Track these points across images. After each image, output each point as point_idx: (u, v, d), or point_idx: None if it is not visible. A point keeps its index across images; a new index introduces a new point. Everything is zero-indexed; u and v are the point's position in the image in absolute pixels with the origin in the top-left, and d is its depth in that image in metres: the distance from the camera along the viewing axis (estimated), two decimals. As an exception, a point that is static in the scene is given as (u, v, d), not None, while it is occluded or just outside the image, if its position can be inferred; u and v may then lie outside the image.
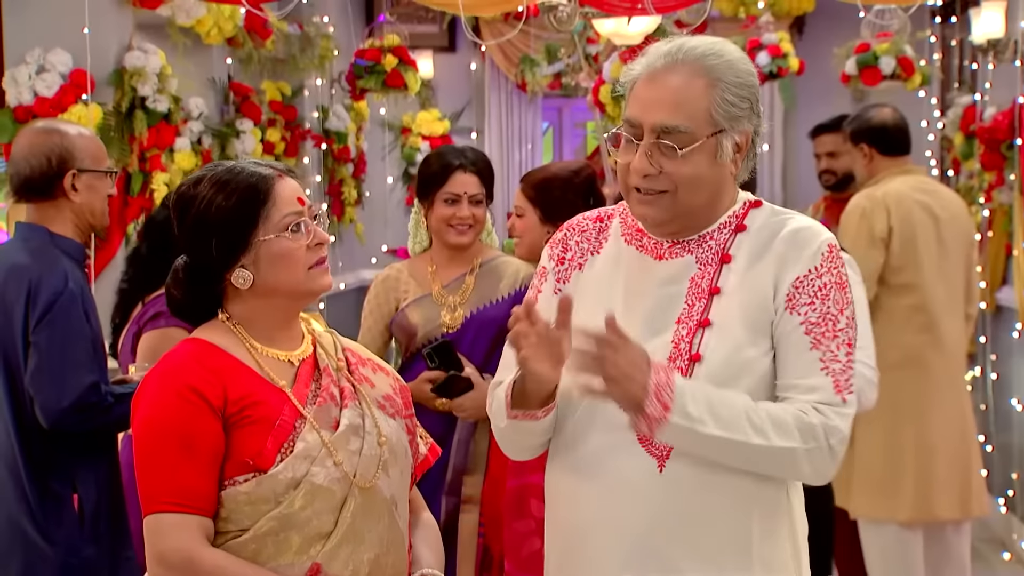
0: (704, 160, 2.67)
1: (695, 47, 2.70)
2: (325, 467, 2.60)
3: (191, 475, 2.52)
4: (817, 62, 9.03)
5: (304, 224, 2.69)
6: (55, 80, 5.72)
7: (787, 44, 8.50)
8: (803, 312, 2.63)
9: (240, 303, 2.70)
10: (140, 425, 2.58)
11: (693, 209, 2.72)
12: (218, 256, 2.64)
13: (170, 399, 2.55)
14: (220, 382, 2.59)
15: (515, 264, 4.57)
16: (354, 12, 10.01)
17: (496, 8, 7.13)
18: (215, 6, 6.55)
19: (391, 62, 8.29)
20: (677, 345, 2.68)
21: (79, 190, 3.93)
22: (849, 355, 2.64)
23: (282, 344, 2.73)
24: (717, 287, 2.69)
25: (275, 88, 8.40)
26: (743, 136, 2.70)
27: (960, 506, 5.65)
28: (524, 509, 4.07)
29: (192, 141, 6.67)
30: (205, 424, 2.55)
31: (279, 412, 2.61)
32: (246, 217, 2.64)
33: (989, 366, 7.64)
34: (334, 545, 2.59)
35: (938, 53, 9.21)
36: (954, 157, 8.50)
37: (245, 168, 2.69)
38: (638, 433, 2.60)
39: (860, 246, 5.50)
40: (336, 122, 9.19)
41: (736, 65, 2.70)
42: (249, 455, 2.55)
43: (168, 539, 2.51)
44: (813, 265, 2.65)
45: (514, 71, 10.85)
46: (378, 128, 10.52)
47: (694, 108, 2.66)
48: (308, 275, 2.69)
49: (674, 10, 6.89)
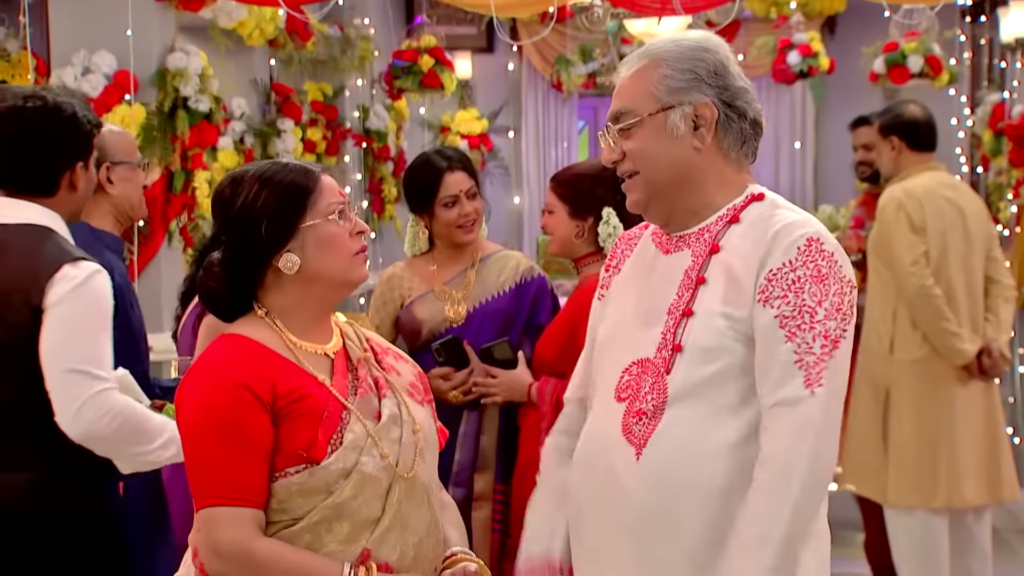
0: (652, 134, 2.75)
1: (653, 42, 2.83)
2: (372, 456, 2.66)
3: (244, 469, 2.57)
4: (848, 61, 9.06)
5: (347, 212, 2.76)
6: (100, 81, 5.80)
7: (818, 44, 8.52)
8: (776, 305, 2.62)
9: (280, 293, 2.73)
10: (191, 421, 2.62)
11: (664, 188, 2.78)
12: (267, 241, 2.67)
13: (220, 395, 2.59)
14: (268, 377, 2.62)
15: (515, 257, 4.65)
16: (394, 14, 10.07)
17: (528, 9, 7.18)
18: (257, 8, 6.61)
19: (428, 63, 8.34)
20: (664, 336, 2.73)
21: (114, 182, 3.99)
22: (825, 347, 2.60)
23: (316, 337, 2.77)
24: (703, 277, 2.73)
25: (316, 88, 8.48)
26: (699, 108, 2.73)
27: (989, 491, 5.71)
28: None
29: (235, 140, 6.77)
30: (256, 419, 2.59)
31: (325, 405, 2.66)
32: (295, 203, 2.69)
33: (1017, 360, 7.68)
34: (383, 531, 2.65)
35: (968, 52, 9.25)
36: (983, 154, 8.54)
37: (288, 163, 2.77)
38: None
39: (902, 234, 5.57)
40: (376, 121, 9.25)
41: (681, 44, 2.77)
42: (301, 447, 2.60)
43: (224, 531, 2.55)
44: (787, 259, 2.63)
45: (550, 71, 10.95)
46: (418, 127, 10.59)
47: (635, 91, 2.77)
48: (352, 261, 2.75)
49: (703, 10, 6.93)
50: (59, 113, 3.47)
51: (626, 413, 2.75)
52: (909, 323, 5.59)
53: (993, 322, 5.75)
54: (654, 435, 2.69)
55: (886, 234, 5.66)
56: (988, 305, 5.77)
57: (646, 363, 2.76)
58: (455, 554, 2.85)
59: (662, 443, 2.69)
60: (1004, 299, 5.80)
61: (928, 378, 5.59)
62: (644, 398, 2.73)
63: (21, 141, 3.44)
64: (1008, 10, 7.60)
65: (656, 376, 2.72)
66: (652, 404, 2.71)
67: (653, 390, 2.72)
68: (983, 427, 5.72)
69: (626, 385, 2.78)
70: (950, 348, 5.60)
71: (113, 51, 5.85)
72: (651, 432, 2.70)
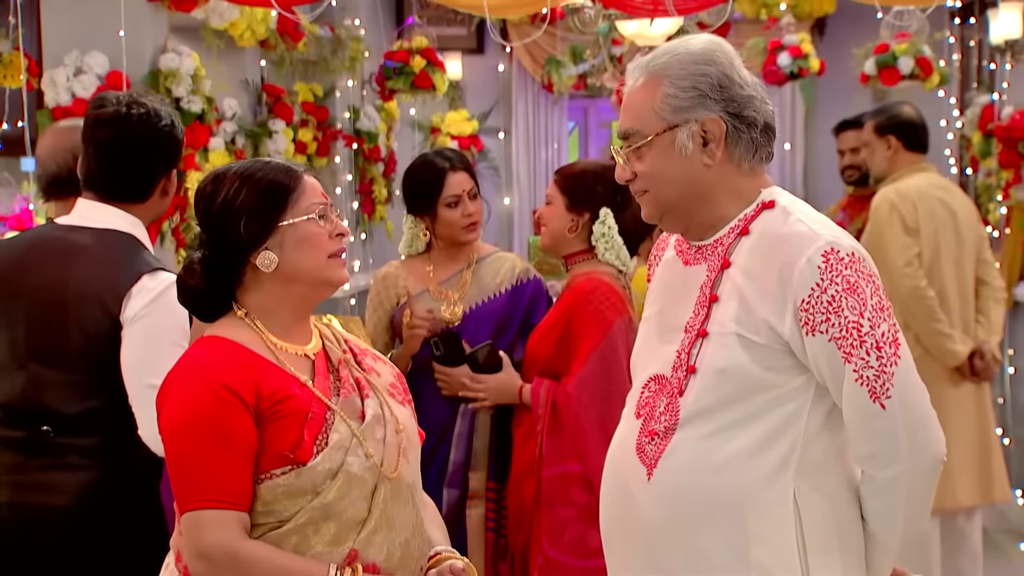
0: (661, 155, 2.72)
1: (654, 54, 2.77)
2: (358, 456, 2.66)
3: (229, 472, 2.56)
4: (838, 63, 9.07)
5: (328, 213, 2.76)
6: (92, 81, 5.77)
7: (808, 45, 8.55)
8: (824, 330, 2.58)
9: (259, 292, 2.74)
10: (173, 423, 2.62)
11: (676, 204, 2.76)
12: (245, 237, 2.68)
13: (204, 397, 2.59)
14: (252, 378, 2.62)
15: (511, 259, 4.66)
16: (384, 15, 10.07)
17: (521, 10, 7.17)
18: (248, 9, 6.58)
19: (419, 64, 8.33)
20: (679, 355, 2.74)
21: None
22: (880, 358, 2.57)
23: (296, 339, 2.78)
24: (716, 295, 2.71)
25: (307, 89, 8.45)
26: (707, 124, 2.69)
27: (980, 493, 5.74)
28: (566, 496, 4.16)
29: (226, 141, 6.75)
30: (240, 421, 2.58)
31: (308, 405, 2.66)
32: (276, 200, 2.69)
33: (1007, 360, 7.70)
34: (369, 531, 2.66)
35: (957, 54, 9.28)
36: (972, 156, 8.55)
37: (271, 161, 2.77)
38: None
39: (895, 235, 5.60)
40: (367, 122, 9.22)
41: (683, 59, 2.71)
42: (287, 448, 2.60)
43: (209, 535, 2.55)
44: (814, 282, 2.58)
45: (540, 72, 10.95)
46: (408, 128, 10.58)
47: (640, 109, 2.73)
48: (329, 263, 2.74)
49: (696, 11, 6.92)
50: (159, 120, 3.54)
51: (640, 432, 2.77)
52: (901, 324, 5.58)
53: (984, 323, 5.77)
54: (664, 456, 2.71)
55: (879, 235, 5.68)
56: (979, 307, 5.80)
57: (663, 380, 2.76)
58: (439, 553, 2.86)
59: (672, 463, 2.70)
60: (995, 300, 5.82)
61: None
62: (658, 418, 2.74)
63: (123, 147, 3.50)
64: (998, 12, 7.61)
65: (671, 397, 2.73)
66: (664, 425, 2.72)
67: (667, 411, 2.73)
68: (975, 428, 5.74)
69: (645, 402, 2.79)
70: (942, 349, 5.62)
71: (105, 51, 5.82)
72: (661, 452, 2.71)
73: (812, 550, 2.67)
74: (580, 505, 4.10)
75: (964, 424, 5.69)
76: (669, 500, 2.69)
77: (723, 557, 2.66)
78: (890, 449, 2.61)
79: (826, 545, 2.68)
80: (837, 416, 2.67)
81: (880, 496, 2.68)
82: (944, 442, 2.70)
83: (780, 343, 2.63)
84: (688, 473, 2.67)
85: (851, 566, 2.72)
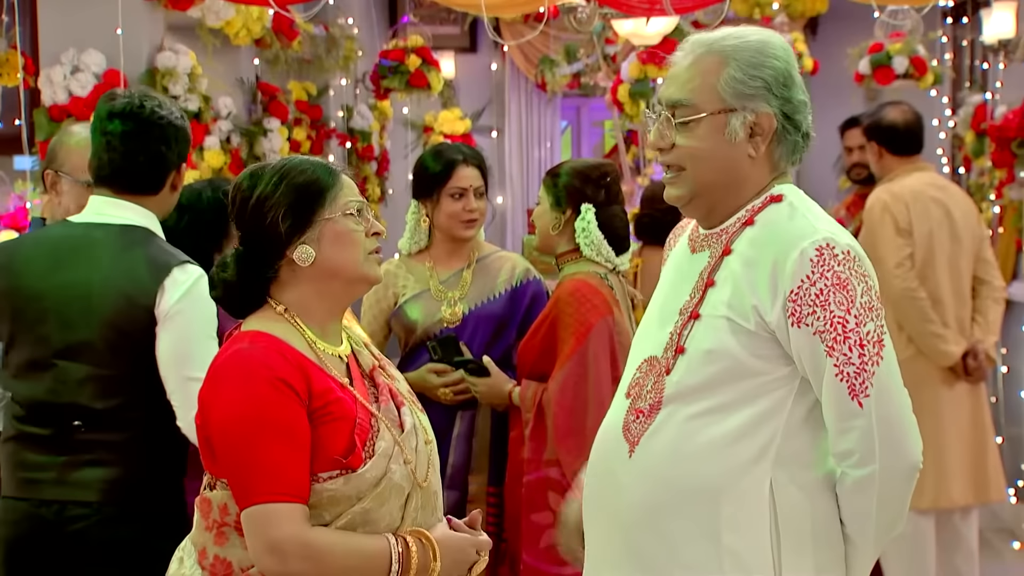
0: (709, 135, 2.70)
1: (720, 35, 2.73)
2: (400, 465, 2.63)
3: (293, 465, 2.52)
4: (831, 62, 9.10)
5: (365, 212, 2.74)
6: (89, 80, 5.78)
7: (801, 44, 8.57)
8: (810, 323, 2.58)
9: (295, 289, 2.68)
10: (231, 418, 2.55)
11: (710, 188, 2.74)
12: (284, 231, 2.63)
13: (264, 391, 2.53)
14: (303, 376, 2.57)
15: (512, 259, 4.66)
16: (378, 14, 10.08)
17: (518, 9, 7.18)
18: (244, 8, 6.60)
19: (414, 62, 8.34)
20: (672, 336, 2.74)
21: (61, 193, 3.94)
22: (863, 356, 2.59)
23: (331, 338, 2.73)
24: (712, 279, 2.72)
25: (301, 88, 8.47)
26: (760, 118, 2.69)
27: (975, 491, 5.75)
28: (542, 502, 4.13)
29: (221, 140, 6.76)
30: (299, 415, 2.54)
31: (354, 410, 2.62)
32: (315, 194, 2.65)
33: (1000, 359, 7.71)
34: None
35: (950, 53, 9.29)
36: (965, 155, 8.57)
37: (309, 158, 2.74)
38: None
39: (887, 236, 5.61)
40: (360, 121, 9.24)
41: (754, 46, 2.69)
42: (339, 452, 2.56)
43: (282, 528, 2.49)
44: (804, 275, 2.59)
45: (534, 71, 10.97)
46: (401, 127, 10.59)
47: (700, 83, 2.69)
48: (367, 259, 2.71)
49: (692, 11, 6.95)
50: (171, 114, 3.56)
51: (628, 410, 2.78)
52: (895, 325, 5.60)
53: (981, 323, 5.78)
54: (646, 434, 2.72)
55: (872, 235, 5.69)
56: (977, 306, 5.81)
57: (654, 361, 2.78)
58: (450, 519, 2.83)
59: (653, 442, 2.72)
60: (993, 300, 5.83)
61: (914, 379, 5.51)
62: (645, 396, 2.75)
63: (138, 137, 3.51)
64: (991, 11, 7.62)
65: (658, 376, 2.74)
66: (649, 403, 2.74)
67: (653, 389, 2.74)
68: (970, 428, 5.75)
69: (635, 382, 2.81)
70: (935, 350, 5.63)
71: (102, 50, 5.83)
72: (644, 430, 2.73)
73: (786, 542, 2.67)
74: (557, 512, 4.08)
75: (959, 424, 5.71)
76: (648, 479, 2.71)
77: (695, 541, 2.67)
78: (865, 448, 2.62)
79: (800, 539, 2.69)
80: (820, 413, 2.68)
81: (854, 496, 2.69)
82: (921, 450, 2.68)
83: (767, 331, 2.64)
84: (668, 454, 2.69)
85: (826, 563, 2.73)
